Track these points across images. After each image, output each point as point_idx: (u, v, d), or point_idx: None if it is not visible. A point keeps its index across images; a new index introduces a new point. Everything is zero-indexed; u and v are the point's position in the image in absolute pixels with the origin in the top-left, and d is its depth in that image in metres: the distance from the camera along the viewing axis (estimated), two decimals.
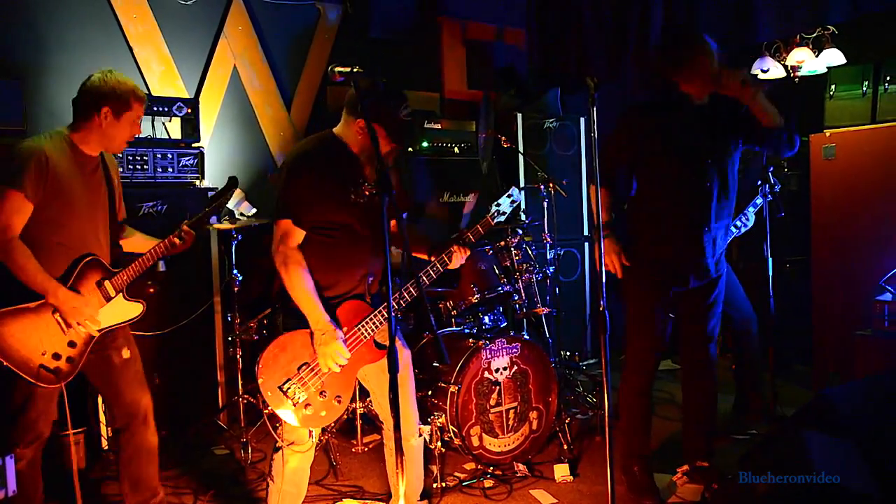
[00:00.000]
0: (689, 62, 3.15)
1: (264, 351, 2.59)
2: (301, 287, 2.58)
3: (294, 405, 2.60)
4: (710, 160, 3.20)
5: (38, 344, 2.67)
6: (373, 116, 2.61)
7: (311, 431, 2.74)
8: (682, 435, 3.56)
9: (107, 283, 2.84)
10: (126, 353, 2.93)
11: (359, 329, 2.68)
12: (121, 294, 2.88)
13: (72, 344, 2.74)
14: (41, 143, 2.73)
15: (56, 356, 2.70)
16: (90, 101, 2.78)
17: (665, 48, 3.34)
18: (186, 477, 3.82)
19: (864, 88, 4.67)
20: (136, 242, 3.08)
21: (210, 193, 4.38)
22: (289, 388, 2.59)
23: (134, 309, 2.92)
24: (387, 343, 2.20)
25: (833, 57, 4.91)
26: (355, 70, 2.34)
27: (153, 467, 3.02)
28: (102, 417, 3.93)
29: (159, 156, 4.26)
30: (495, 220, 2.95)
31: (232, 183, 2.99)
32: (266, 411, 2.57)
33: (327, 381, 2.65)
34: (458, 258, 2.82)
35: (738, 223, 4.21)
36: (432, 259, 2.82)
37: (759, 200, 4.17)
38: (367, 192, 2.70)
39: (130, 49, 4.78)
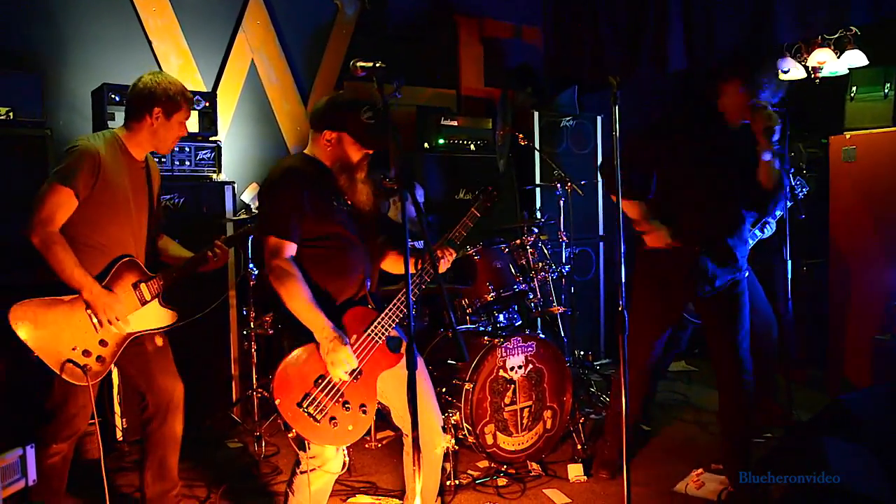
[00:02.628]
0: (736, 78, 3.14)
1: (276, 371, 2.49)
2: (299, 298, 2.52)
3: (318, 422, 2.49)
4: (733, 181, 3.23)
5: (70, 338, 2.69)
6: (336, 125, 2.63)
7: (338, 449, 2.67)
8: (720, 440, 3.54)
9: (143, 285, 2.87)
10: (159, 341, 2.98)
11: (369, 334, 2.63)
12: (157, 299, 2.91)
13: (103, 343, 2.76)
14: (97, 144, 2.79)
15: (86, 353, 2.71)
16: (142, 103, 2.85)
17: (727, 59, 3.34)
18: (200, 470, 3.83)
19: (886, 90, 4.62)
20: (167, 250, 3.10)
21: (227, 187, 4.41)
22: (309, 405, 2.49)
23: (169, 316, 2.97)
24: (399, 342, 2.19)
25: (855, 58, 4.86)
26: (378, 65, 2.33)
27: (176, 457, 3.05)
28: (118, 409, 3.96)
29: (177, 149, 4.27)
30: (473, 219, 2.93)
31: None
32: (290, 435, 2.48)
33: (348, 392, 2.56)
34: (445, 262, 2.81)
35: (759, 230, 4.18)
36: (419, 266, 2.78)
37: (788, 203, 4.12)
38: (348, 202, 2.70)
39: (149, 42, 4.79)
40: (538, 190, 5.56)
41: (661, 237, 3.29)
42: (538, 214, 4.95)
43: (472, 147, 5.40)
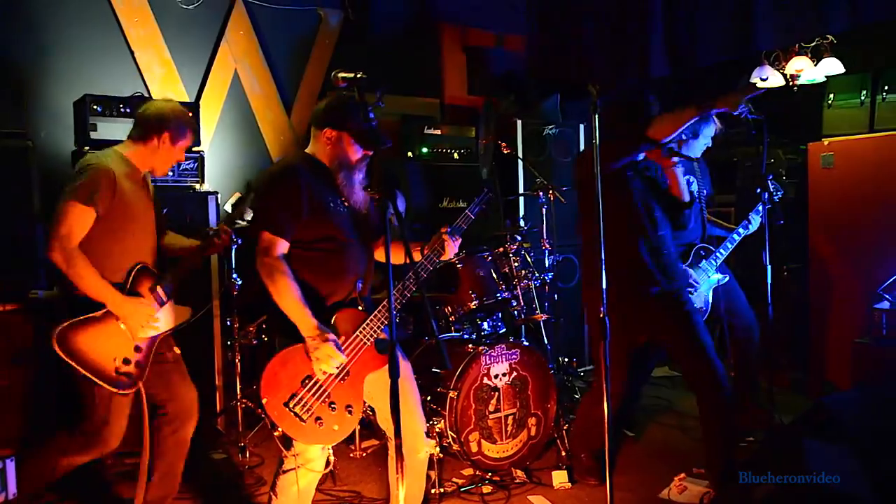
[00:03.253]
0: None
1: (264, 371, 2.53)
2: (288, 295, 2.54)
3: (304, 422, 2.52)
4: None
5: (110, 351, 2.80)
6: (337, 124, 2.66)
7: (323, 448, 2.69)
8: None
9: (158, 287, 2.96)
10: (177, 350, 3.10)
11: (357, 336, 2.65)
12: (171, 299, 3.01)
13: (137, 349, 2.87)
14: (108, 162, 2.89)
15: (126, 361, 2.83)
16: (152, 126, 2.98)
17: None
18: (184, 481, 3.78)
19: (863, 97, 4.69)
20: (174, 245, 3.20)
21: (210, 197, 4.40)
22: (295, 405, 2.52)
23: (185, 313, 3.09)
24: (388, 345, 2.20)
25: (832, 66, 4.93)
26: (359, 76, 2.35)
27: (182, 464, 3.14)
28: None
29: None
30: (467, 221, 2.95)
31: (250, 187, 3.15)
32: (276, 433, 2.51)
33: (335, 393, 2.59)
34: (451, 247, 2.81)
35: (741, 230, 4.22)
36: (426, 253, 2.80)
37: (756, 210, 4.18)
38: (345, 203, 2.72)
39: (131, 52, 4.79)
40: (521, 198, 5.58)
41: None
42: (521, 222, 4.96)
43: (456, 156, 5.43)
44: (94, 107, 4.05)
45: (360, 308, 2.71)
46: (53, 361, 2.71)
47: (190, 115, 3.10)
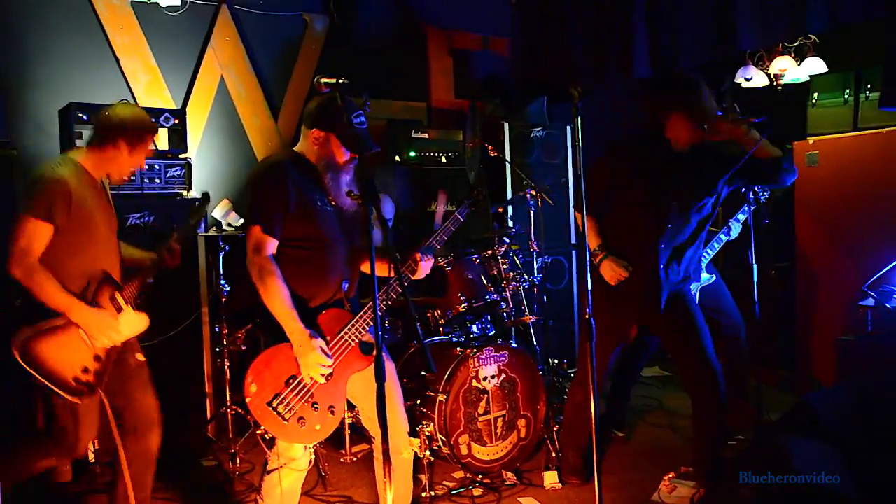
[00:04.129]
0: (680, 110, 3.22)
1: (249, 369, 2.55)
2: (278, 298, 2.55)
3: (286, 421, 2.54)
4: (675, 203, 3.31)
5: (70, 360, 2.76)
6: (325, 125, 2.65)
7: (305, 447, 2.72)
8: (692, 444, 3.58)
9: (118, 295, 2.92)
10: (140, 357, 3.04)
11: (342, 336, 2.66)
12: (130, 306, 2.96)
13: (97, 358, 2.84)
14: (62, 172, 2.81)
15: (85, 370, 2.80)
16: (109, 132, 2.89)
17: (658, 90, 3.38)
18: (174, 488, 3.80)
19: (846, 96, 4.73)
20: (128, 256, 3.14)
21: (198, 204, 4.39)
22: (278, 405, 2.54)
23: (142, 320, 3.01)
24: (372, 346, 2.22)
25: (815, 66, 4.97)
26: (341, 81, 2.36)
27: (151, 474, 3.07)
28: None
29: (146, 167, 4.23)
30: (457, 223, 2.96)
31: (205, 198, 3.14)
32: (259, 431, 2.54)
33: (318, 393, 2.61)
34: (423, 268, 2.83)
35: (723, 235, 4.25)
36: (401, 270, 2.80)
37: (743, 210, 4.20)
38: (332, 203, 2.72)
39: (117, 60, 4.78)
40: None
41: (616, 276, 3.35)
42: (510, 224, 4.97)
43: (444, 159, 5.44)
44: (80, 114, 4.03)
45: (345, 308, 2.72)
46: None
47: (150, 120, 2.99)
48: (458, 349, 3.84)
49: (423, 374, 3.88)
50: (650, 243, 3.33)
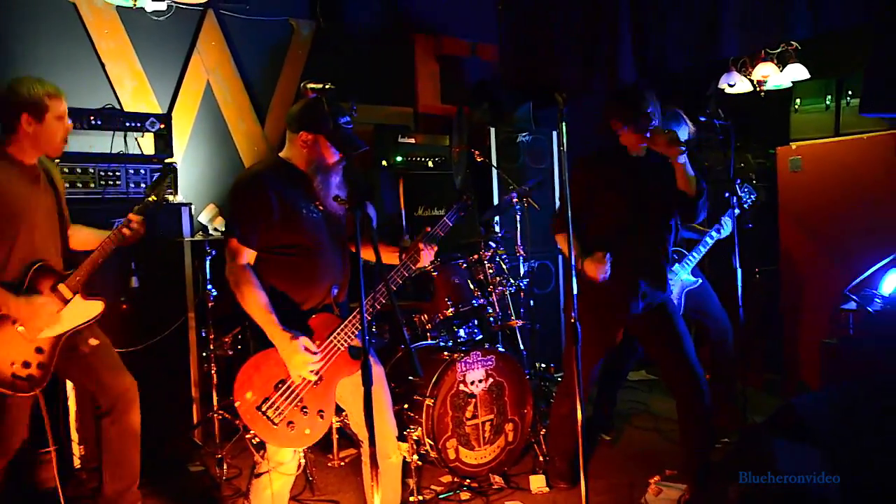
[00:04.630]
0: (620, 120, 3.34)
1: (238, 373, 2.56)
2: (255, 305, 2.57)
3: (276, 425, 2.55)
4: (645, 205, 3.37)
5: (6, 355, 2.71)
6: (313, 127, 2.65)
7: (294, 451, 2.73)
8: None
9: (60, 286, 2.86)
10: (93, 342, 2.97)
11: (331, 341, 2.67)
12: (78, 295, 2.89)
13: (39, 350, 2.78)
14: None
15: (26, 364, 2.74)
16: (9, 112, 2.80)
17: (609, 104, 3.48)
18: (160, 494, 3.78)
19: (828, 102, 4.79)
20: (84, 238, 3.07)
21: (184, 208, 4.38)
22: (268, 409, 2.55)
23: (95, 307, 2.94)
24: (361, 349, 2.23)
25: (797, 72, 5.03)
26: (327, 87, 2.37)
27: (135, 452, 3.04)
28: (75, 435, 3.89)
29: (132, 171, 4.24)
30: (445, 228, 2.97)
31: (168, 170, 3.04)
32: (248, 436, 2.53)
33: (307, 397, 2.62)
34: (427, 255, 2.84)
35: (714, 233, 4.28)
36: (402, 259, 2.83)
37: (732, 210, 4.23)
38: (320, 207, 2.72)
39: (102, 65, 4.76)
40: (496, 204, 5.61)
41: (599, 270, 3.32)
42: (496, 229, 4.99)
43: (430, 164, 5.45)
44: None
45: (335, 313, 2.73)
46: None
47: (37, 82, 2.83)
48: (446, 353, 3.85)
49: (411, 378, 3.89)
50: (630, 251, 3.36)
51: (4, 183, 2.76)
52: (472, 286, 4.11)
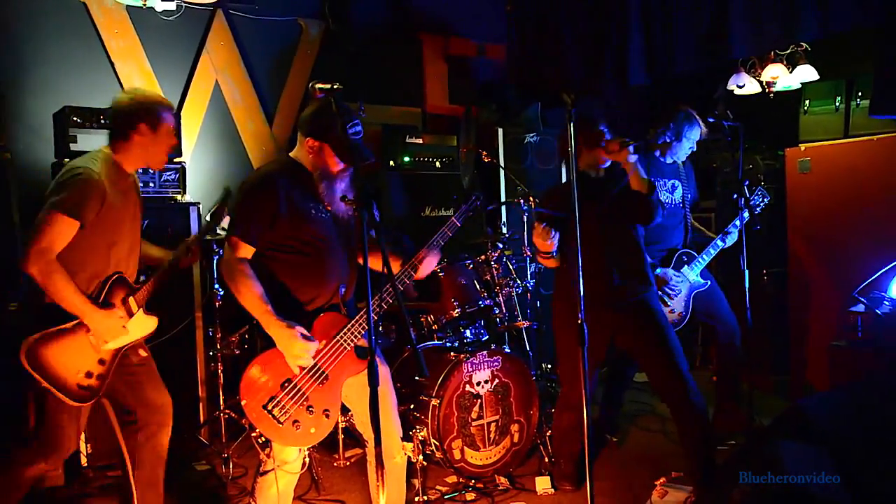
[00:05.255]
0: (585, 141, 3.41)
1: (245, 372, 2.58)
2: (249, 295, 2.57)
3: (281, 424, 2.56)
4: (611, 219, 3.45)
5: (75, 364, 2.73)
6: (319, 134, 2.66)
7: (299, 450, 2.73)
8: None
9: (130, 299, 2.89)
10: (143, 353, 2.99)
11: (338, 340, 2.68)
12: (141, 309, 2.93)
13: (101, 362, 2.81)
14: (97, 169, 2.75)
15: (88, 374, 2.76)
16: (125, 121, 2.83)
17: (561, 136, 3.63)
18: (167, 492, 3.76)
19: (837, 104, 4.77)
20: (148, 254, 3.12)
21: (192, 208, 4.40)
22: (274, 408, 2.56)
23: (152, 323, 2.99)
24: (368, 349, 2.24)
25: (806, 73, 5.00)
26: (335, 87, 2.37)
27: (163, 470, 3.05)
28: (82, 434, 3.90)
29: (141, 171, 4.23)
30: (454, 228, 2.98)
31: (226, 194, 3.02)
32: (254, 434, 2.54)
33: (313, 396, 2.63)
34: (428, 263, 2.85)
35: (720, 241, 4.26)
36: (404, 266, 2.84)
37: (741, 217, 4.20)
38: (328, 208, 2.72)
39: (112, 64, 4.78)
40: (503, 205, 5.62)
41: (543, 237, 3.33)
42: (504, 230, 4.99)
43: (438, 164, 5.45)
44: (74, 118, 4.04)
45: (342, 313, 2.74)
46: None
47: (157, 95, 2.92)
48: (452, 354, 3.85)
49: (417, 378, 3.89)
50: (600, 264, 3.39)
51: (114, 195, 2.78)
52: (478, 287, 4.10)
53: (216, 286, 4.11)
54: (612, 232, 3.47)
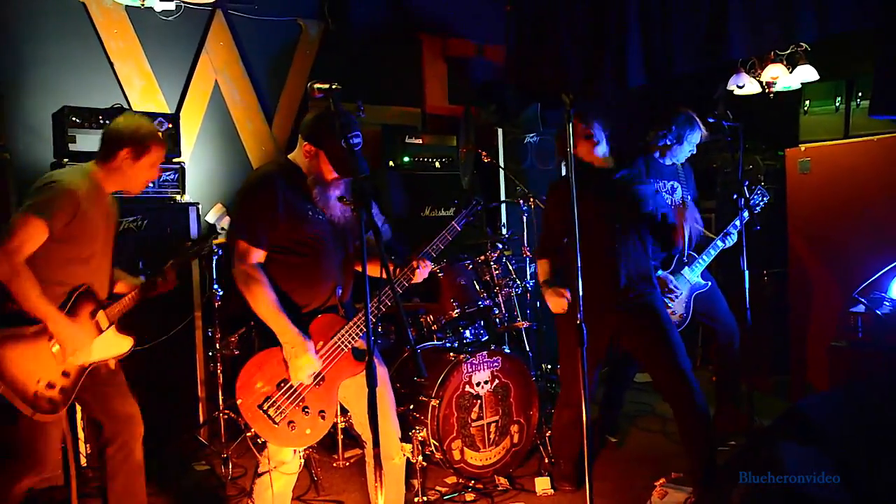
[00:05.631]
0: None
1: (241, 371, 2.57)
2: (264, 303, 2.57)
3: (277, 424, 2.56)
4: (618, 224, 3.44)
5: (34, 371, 2.68)
6: (317, 140, 2.65)
7: (295, 451, 2.74)
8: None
9: (100, 314, 2.87)
10: (112, 364, 2.96)
11: (335, 341, 2.68)
12: (113, 327, 2.92)
13: (65, 374, 2.76)
14: (77, 182, 2.78)
15: (50, 385, 2.72)
16: (111, 143, 2.86)
17: (557, 135, 3.65)
18: (166, 493, 3.80)
19: (837, 104, 4.76)
20: (120, 284, 3.09)
21: (191, 208, 4.39)
22: (269, 408, 2.56)
23: (125, 343, 2.97)
24: (365, 352, 2.24)
25: (807, 73, 5.00)
26: (334, 87, 2.36)
27: (141, 478, 3.03)
28: (81, 434, 3.91)
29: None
30: (454, 233, 2.97)
31: (210, 231, 3.13)
32: (249, 434, 2.54)
33: (309, 397, 2.63)
34: (421, 273, 2.85)
35: (720, 242, 4.26)
36: (397, 273, 2.83)
37: (740, 218, 4.19)
38: (323, 210, 2.72)
39: (111, 64, 4.78)
40: (503, 206, 5.61)
41: (558, 304, 3.50)
42: (503, 230, 4.99)
43: (437, 165, 5.45)
44: (73, 118, 4.04)
45: (339, 314, 2.73)
46: None
47: (152, 128, 2.93)
48: (451, 354, 3.85)
49: (416, 378, 3.89)
50: (609, 264, 3.40)
51: (91, 211, 2.80)
52: (478, 287, 4.10)
53: (215, 286, 4.10)
54: (625, 233, 3.44)
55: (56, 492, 3.73)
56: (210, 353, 4.22)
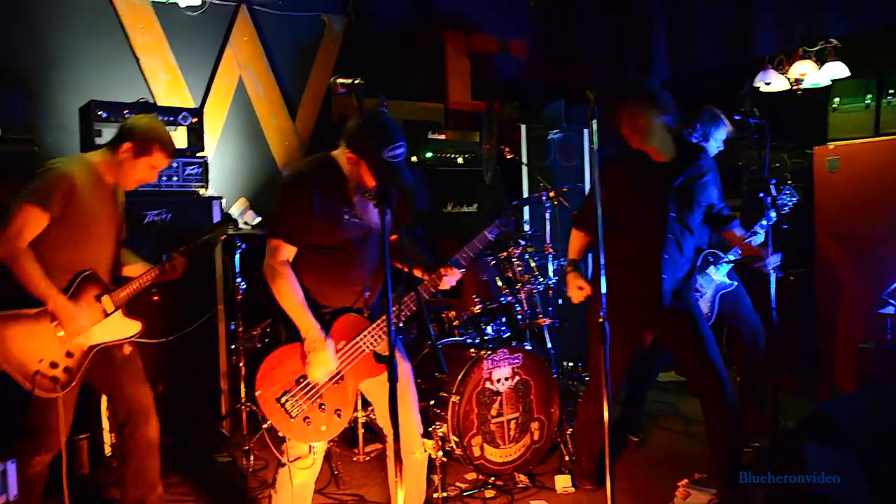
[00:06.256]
0: (623, 115, 3.29)
1: (262, 363, 2.59)
2: (289, 297, 2.59)
3: (293, 418, 2.58)
4: (664, 204, 3.33)
5: (36, 351, 2.76)
6: (357, 149, 2.64)
7: (311, 447, 2.74)
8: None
9: (105, 297, 2.93)
10: (127, 350, 3.02)
11: (357, 342, 2.68)
12: (120, 310, 2.97)
13: (69, 354, 2.83)
14: (71, 168, 2.86)
15: (53, 365, 2.79)
16: (121, 134, 2.94)
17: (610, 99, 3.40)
18: (188, 484, 3.83)
19: (867, 101, 4.67)
20: (127, 263, 3.16)
21: (214, 202, 4.42)
22: (287, 402, 2.58)
23: (133, 326, 3.01)
24: (387, 356, 2.23)
25: (836, 70, 4.91)
26: (356, 82, 2.35)
27: (154, 461, 3.08)
28: (106, 424, 3.95)
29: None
30: (484, 242, 2.96)
31: (224, 220, 3.19)
32: (265, 425, 2.56)
33: (326, 395, 2.63)
34: (448, 280, 2.84)
35: (747, 241, 4.20)
36: (424, 278, 2.84)
37: (768, 217, 4.11)
38: (361, 216, 2.72)
39: (136, 59, 4.83)
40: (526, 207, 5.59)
41: (577, 295, 3.49)
42: (526, 227, 4.96)
43: (460, 160, 5.44)
44: (99, 113, 4.08)
45: (364, 315, 2.74)
46: None
47: (166, 136, 2.98)
48: (473, 351, 3.84)
49: (437, 374, 3.88)
50: (652, 254, 3.33)
51: (86, 197, 2.86)
52: (500, 283, 4.09)
53: (238, 280, 4.13)
54: (674, 233, 3.36)
55: (82, 480, 3.79)
56: (232, 346, 4.24)
